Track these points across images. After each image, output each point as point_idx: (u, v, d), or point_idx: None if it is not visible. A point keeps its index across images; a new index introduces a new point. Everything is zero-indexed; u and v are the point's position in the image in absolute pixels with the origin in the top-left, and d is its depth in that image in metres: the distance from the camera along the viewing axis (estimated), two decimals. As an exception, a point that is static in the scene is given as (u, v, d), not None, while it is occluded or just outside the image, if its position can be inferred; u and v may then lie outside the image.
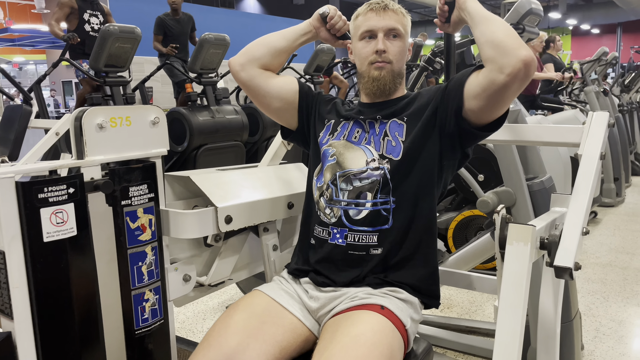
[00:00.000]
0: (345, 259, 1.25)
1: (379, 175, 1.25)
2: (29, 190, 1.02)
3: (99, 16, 4.93)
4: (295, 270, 1.34)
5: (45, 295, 1.07)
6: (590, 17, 20.58)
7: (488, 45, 1.14)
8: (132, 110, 1.21)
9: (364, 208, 1.25)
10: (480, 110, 1.19)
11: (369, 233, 1.24)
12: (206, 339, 1.14)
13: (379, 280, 1.23)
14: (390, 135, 1.28)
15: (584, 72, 4.98)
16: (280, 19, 12.19)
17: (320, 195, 1.32)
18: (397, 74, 1.32)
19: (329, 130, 1.37)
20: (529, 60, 1.09)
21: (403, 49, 1.31)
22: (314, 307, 1.25)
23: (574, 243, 1.02)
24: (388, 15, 1.28)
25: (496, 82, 1.12)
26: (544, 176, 2.02)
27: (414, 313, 1.22)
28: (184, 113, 3.89)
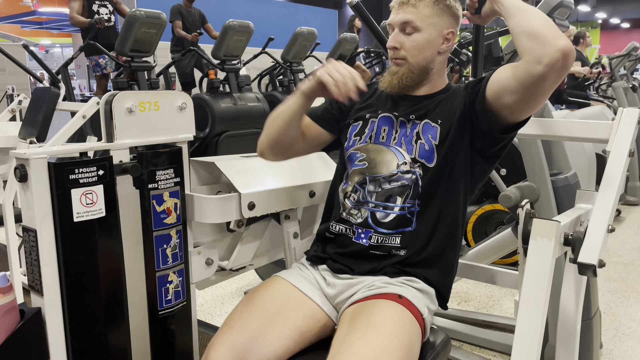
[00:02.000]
0: (366, 257, 1.26)
1: (410, 180, 1.24)
2: (60, 171, 1.05)
3: (108, 6, 4.94)
4: (314, 257, 1.35)
5: (73, 274, 1.10)
6: (620, 10, 20.05)
7: (524, 35, 1.11)
8: (160, 96, 1.23)
9: (392, 212, 1.24)
10: (516, 104, 1.16)
11: (392, 235, 1.24)
12: (228, 322, 1.16)
13: (396, 269, 1.23)
14: (424, 138, 1.25)
15: (612, 67, 4.87)
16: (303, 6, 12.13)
17: (345, 197, 1.31)
18: (417, 71, 1.27)
19: (355, 131, 1.35)
20: (567, 49, 1.06)
21: (421, 42, 1.25)
22: (332, 294, 1.26)
23: (599, 240, 1.01)
24: (404, 9, 1.25)
25: (533, 73, 1.09)
26: (569, 172, 1.99)
27: (430, 303, 1.22)
28: (206, 99, 3.92)
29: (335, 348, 1.04)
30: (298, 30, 4.79)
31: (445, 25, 1.27)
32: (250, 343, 1.10)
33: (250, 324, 1.13)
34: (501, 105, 1.18)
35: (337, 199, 1.35)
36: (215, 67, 4.20)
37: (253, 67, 5.73)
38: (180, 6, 5.76)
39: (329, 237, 1.33)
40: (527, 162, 1.90)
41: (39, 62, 3.16)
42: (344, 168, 1.36)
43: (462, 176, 1.26)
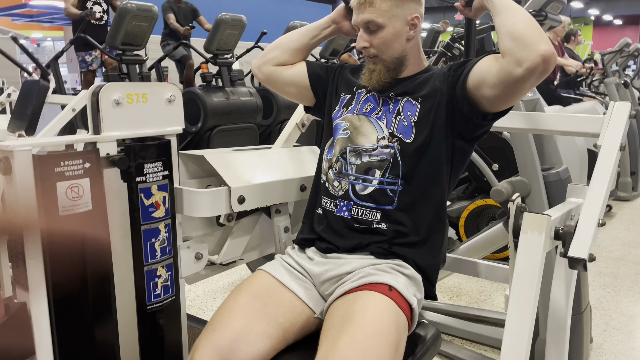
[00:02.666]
0: (350, 230, 1.26)
1: (389, 155, 1.25)
2: (45, 163, 1.03)
3: (102, 4, 4.93)
4: (302, 240, 1.35)
5: (59, 268, 1.08)
6: (612, 7, 20.12)
7: (507, 36, 1.11)
8: (148, 87, 1.22)
9: (370, 185, 1.25)
10: (494, 98, 1.17)
11: (372, 210, 1.24)
12: (211, 323, 1.15)
13: (383, 250, 1.23)
14: (403, 115, 1.27)
15: (605, 63, 4.88)
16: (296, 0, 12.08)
17: (329, 167, 1.33)
18: (393, 63, 1.29)
19: (343, 103, 1.38)
20: (548, 55, 1.06)
21: (387, 37, 1.26)
22: (317, 272, 1.25)
23: (589, 234, 1.01)
24: (363, 8, 1.25)
25: (513, 75, 1.10)
26: (560, 167, 2.00)
27: (417, 291, 1.22)
28: (198, 93, 3.89)
29: (323, 351, 1.03)
30: (291, 24, 4.77)
31: (408, 13, 1.26)
32: (233, 344, 1.10)
33: (233, 324, 1.12)
34: (480, 95, 1.19)
35: (323, 170, 1.36)
36: (208, 61, 4.17)
37: (246, 61, 5.70)
38: (170, 2, 5.73)
39: (316, 214, 1.34)
40: (519, 157, 1.90)
41: (28, 54, 3.13)
42: (328, 138, 1.38)
43: (444, 157, 1.26)
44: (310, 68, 1.48)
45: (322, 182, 1.35)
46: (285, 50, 1.49)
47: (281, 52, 1.49)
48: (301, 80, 1.47)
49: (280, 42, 1.50)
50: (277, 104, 4.39)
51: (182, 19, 5.73)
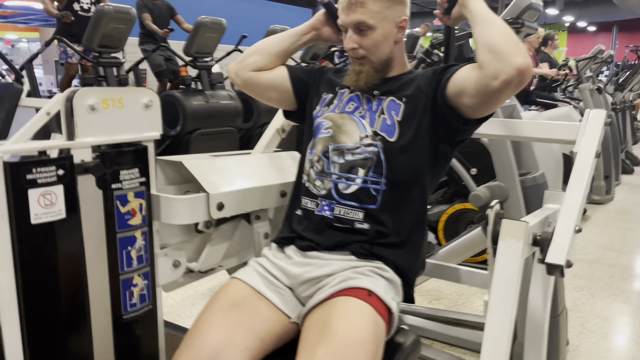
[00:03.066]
0: (330, 228, 1.25)
1: (372, 153, 1.24)
2: (17, 170, 1.00)
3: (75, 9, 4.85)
4: (281, 239, 1.33)
5: (31, 279, 1.05)
6: (587, 14, 20.57)
7: (484, 48, 1.12)
8: (124, 92, 1.19)
9: (353, 183, 1.25)
10: (473, 107, 1.18)
11: (355, 209, 1.24)
12: (189, 337, 1.13)
13: (364, 250, 1.22)
14: (387, 113, 1.27)
15: (579, 69, 4.98)
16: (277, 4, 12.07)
17: (310, 167, 1.32)
18: (381, 65, 1.29)
19: (325, 103, 1.38)
20: (524, 68, 1.07)
21: (377, 39, 1.26)
22: (296, 272, 1.23)
23: (566, 240, 1.02)
24: (354, 9, 1.25)
25: (490, 87, 1.11)
26: (537, 172, 2.02)
27: (396, 295, 1.22)
28: (177, 97, 3.85)
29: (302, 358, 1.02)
30: (271, 28, 4.76)
31: (397, 15, 1.27)
32: (212, 359, 1.08)
33: (212, 338, 1.10)
34: (459, 103, 1.20)
35: (304, 171, 1.35)
36: (187, 64, 4.14)
37: (226, 64, 5.66)
38: (145, 0, 5.58)
39: (296, 215, 1.33)
40: (497, 162, 1.92)
41: (2, 58, 3.06)
42: (310, 138, 1.37)
43: (426, 159, 1.26)
44: (292, 72, 1.47)
45: (302, 182, 1.34)
46: (264, 55, 1.46)
47: (260, 57, 1.46)
48: (282, 84, 1.45)
49: (259, 47, 1.48)
50: (257, 108, 4.38)
51: (158, 17, 5.59)
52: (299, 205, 1.33)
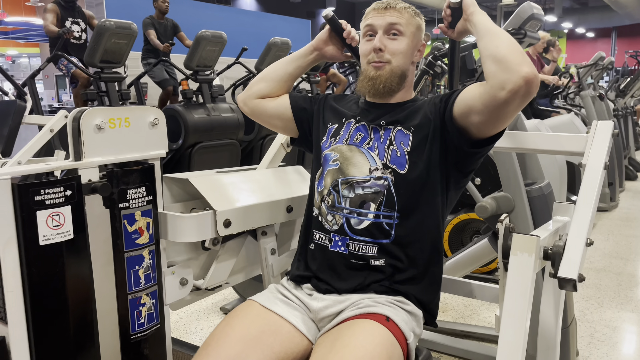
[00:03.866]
0: (347, 266, 1.24)
1: (383, 187, 1.23)
2: (25, 192, 1.00)
3: (81, 23, 4.91)
4: (297, 277, 1.32)
5: (40, 300, 1.04)
6: (585, 20, 20.67)
7: (490, 60, 1.12)
8: (131, 112, 1.19)
9: (365, 218, 1.23)
10: (482, 124, 1.17)
11: (369, 244, 1.22)
12: (204, 348, 1.12)
13: (384, 287, 1.21)
14: (395, 145, 1.26)
15: (580, 76, 4.99)
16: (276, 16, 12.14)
17: (321, 201, 1.30)
18: (398, 75, 1.28)
19: (331, 133, 1.36)
20: (530, 77, 1.06)
21: (404, 48, 1.27)
22: (317, 307, 1.22)
23: (578, 254, 1.01)
24: (389, 13, 1.27)
25: (497, 98, 1.10)
26: (543, 182, 2.02)
27: (416, 327, 1.20)
28: (179, 110, 3.86)
29: None
30: (272, 41, 4.78)
31: (419, 38, 1.33)
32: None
33: (228, 350, 1.09)
34: (468, 123, 1.19)
35: (315, 203, 1.33)
36: (188, 78, 4.15)
37: (226, 76, 5.69)
38: (152, 17, 5.71)
39: (309, 250, 1.31)
40: (502, 172, 1.91)
41: (5, 75, 3.07)
42: (318, 170, 1.36)
43: (438, 188, 1.25)
44: (293, 100, 1.46)
45: (314, 215, 1.32)
46: (268, 81, 1.47)
47: (265, 84, 1.47)
48: (284, 113, 1.46)
49: (264, 75, 1.49)
50: (259, 120, 4.38)
51: (163, 34, 5.71)
52: (311, 239, 1.32)
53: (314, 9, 19.40)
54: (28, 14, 13.39)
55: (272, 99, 1.47)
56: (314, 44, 1.46)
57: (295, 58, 1.48)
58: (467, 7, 1.21)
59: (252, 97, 1.47)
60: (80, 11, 4.99)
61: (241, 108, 1.50)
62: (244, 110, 1.50)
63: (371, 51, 1.28)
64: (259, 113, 1.48)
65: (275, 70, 1.48)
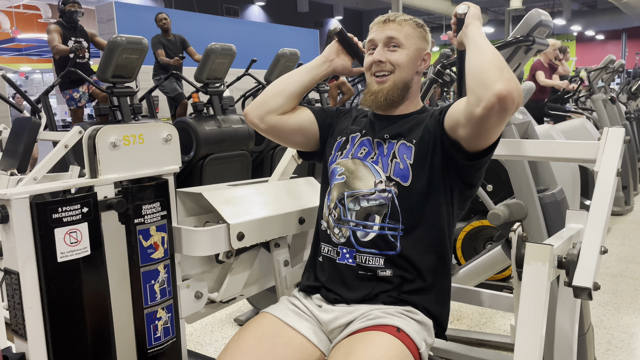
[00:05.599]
0: (355, 277, 1.25)
1: (387, 199, 1.24)
2: (43, 210, 1.02)
3: (83, 42, 4.96)
4: (307, 287, 1.33)
5: (58, 316, 1.06)
6: (594, 23, 20.55)
7: (471, 74, 1.12)
8: (145, 128, 1.21)
9: (371, 230, 1.24)
10: (468, 138, 1.17)
11: (376, 256, 1.23)
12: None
13: (392, 298, 1.22)
14: (399, 157, 1.27)
15: (591, 79, 4.96)
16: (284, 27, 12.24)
17: (328, 214, 1.32)
18: (400, 87, 1.29)
19: (338, 148, 1.37)
20: (503, 94, 1.04)
21: (403, 59, 1.28)
22: (327, 319, 1.24)
23: (593, 262, 1.01)
24: (388, 27, 1.29)
25: (474, 114, 1.10)
26: (555, 188, 2.01)
27: (428, 336, 1.21)
28: (190, 123, 3.89)
29: None
30: (281, 52, 4.81)
31: (423, 47, 1.33)
32: None
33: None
34: (456, 136, 1.20)
35: (323, 216, 1.35)
36: (199, 90, 4.19)
37: (236, 87, 5.73)
38: (159, 36, 5.82)
39: (318, 262, 1.33)
40: (514, 179, 1.91)
41: (20, 93, 3.13)
42: (326, 184, 1.37)
43: (442, 200, 1.26)
44: (319, 116, 1.43)
45: (323, 229, 1.34)
46: (286, 96, 1.41)
47: (283, 99, 1.40)
48: (310, 128, 1.42)
49: (280, 89, 1.42)
50: (269, 131, 4.40)
51: (173, 51, 5.81)
52: (320, 252, 1.33)
53: (321, 19, 19.52)
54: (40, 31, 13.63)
55: (290, 114, 1.42)
56: (325, 55, 1.45)
57: (309, 69, 1.45)
58: (467, 18, 1.23)
59: (271, 113, 1.40)
60: (82, 30, 5.04)
61: (254, 126, 1.42)
62: (259, 127, 1.41)
63: (372, 64, 1.30)
64: (279, 130, 1.41)
65: (292, 83, 1.42)
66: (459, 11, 1.25)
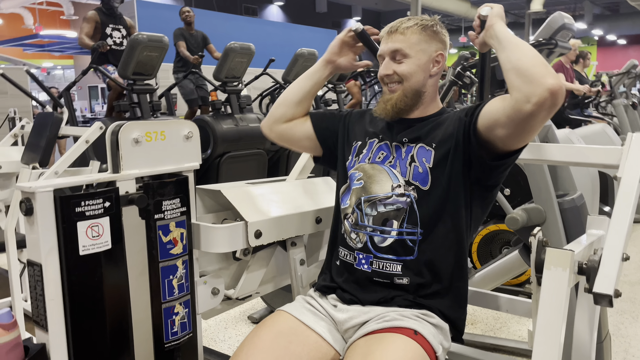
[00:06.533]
0: (371, 283, 1.25)
1: (405, 203, 1.23)
2: (67, 204, 1.03)
3: (122, 30, 5.00)
4: (323, 287, 1.33)
5: (79, 308, 1.08)
6: (616, 27, 20.23)
7: (513, 72, 1.10)
8: (166, 125, 1.23)
9: (389, 236, 1.24)
10: (507, 137, 1.16)
11: (393, 262, 1.23)
12: (235, 359, 1.13)
13: (408, 302, 1.21)
14: (417, 161, 1.26)
15: (612, 84, 4.89)
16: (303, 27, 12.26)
17: (344, 218, 1.32)
18: (410, 95, 1.29)
19: (355, 152, 1.37)
20: (555, 88, 1.05)
21: (412, 67, 1.27)
22: (342, 318, 1.24)
23: (614, 269, 0.99)
24: (393, 39, 1.28)
25: (522, 111, 1.09)
26: (575, 193, 1.98)
27: (444, 340, 1.20)
28: (208, 121, 3.92)
29: None
30: (299, 52, 4.83)
31: (434, 50, 1.29)
32: None
33: None
34: (493, 136, 1.18)
35: (339, 220, 1.34)
36: (217, 89, 4.22)
37: (254, 87, 5.76)
38: (182, 29, 5.85)
39: (335, 265, 1.33)
40: (533, 184, 1.88)
41: (43, 88, 3.19)
42: (343, 188, 1.36)
43: (462, 203, 1.25)
44: (315, 121, 1.47)
45: (340, 231, 1.34)
46: (289, 105, 1.46)
47: (286, 108, 1.46)
48: (311, 133, 1.46)
49: (284, 99, 1.48)
50: (286, 130, 4.42)
51: (194, 45, 5.84)
52: (337, 255, 1.33)
53: (339, 19, 19.52)
54: (62, 27, 13.85)
55: (297, 121, 1.47)
56: (326, 57, 1.46)
57: (310, 75, 1.48)
58: (490, 19, 1.21)
59: (278, 122, 1.47)
60: (122, 18, 5.06)
61: (267, 135, 1.49)
62: (270, 137, 1.49)
63: (383, 76, 1.30)
64: (287, 137, 1.48)
65: (293, 92, 1.47)
66: (482, 13, 1.23)
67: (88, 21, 4.83)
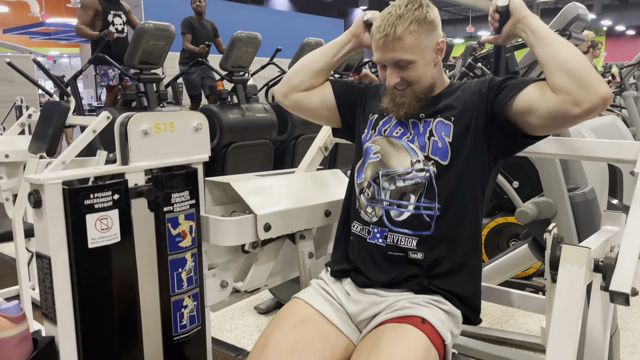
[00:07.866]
0: (384, 258, 1.23)
1: (424, 178, 1.22)
2: (75, 196, 1.02)
3: (122, 16, 4.86)
4: (337, 272, 1.32)
5: (87, 301, 1.07)
6: (625, 17, 19.99)
7: (563, 73, 1.07)
8: (175, 117, 1.21)
9: (406, 210, 1.22)
10: (539, 127, 1.15)
11: (408, 236, 1.21)
12: (259, 353, 1.12)
13: (421, 287, 1.20)
14: (437, 135, 1.23)
15: (622, 76, 4.83)
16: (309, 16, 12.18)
17: (360, 192, 1.30)
18: (424, 93, 1.26)
19: (371, 125, 1.34)
20: (608, 97, 1.04)
21: (419, 70, 1.22)
22: (354, 311, 1.23)
23: (631, 267, 0.98)
24: (391, 47, 1.19)
25: (569, 113, 1.07)
26: (586, 187, 1.96)
27: (454, 327, 1.19)
28: (214, 110, 3.90)
29: None
30: (306, 41, 4.79)
31: (433, 40, 1.22)
32: None
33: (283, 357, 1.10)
34: (522, 121, 1.16)
35: (354, 194, 1.33)
36: (224, 78, 4.20)
37: (260, 76, 5.73)
38: (191, 18, 5.74)
39: (350, 241, 1.31)
40: (544, 177, 1.86)
41: (50, 77, 3.17)
42: (359, 161, 1.34)
43: (479, 178, 1.23)
44: (337, 89, 1.43)
45: (354, 206, 1.32)
46: (309, 73, 1.43)
47: (305, 76, 1.43)
48: (331, 103, 1.42)
49: (303, 66, 1.44)
50: (292, 120, 4.40)
51: (204, 36, 5.73)
52: (350, 229, 1.32)
53: (345, 8, 19.37)
54: (69, 15, 13.82)
55: (314, 90, 1.44)
56: (352, 30, 1.42)
57: (334, 46, 1.44)
58: (518, 10, 1.16)
59: (295, 90, 1.43)
60: (120, 2, 4.88)
61: (280, 102, 1.46)
62: (284, 104, 1.45)
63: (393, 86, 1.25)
64: (303, 106, 1.44)
65: (315, 61, 1.43)
66: (499, 4, 1.19)
67: (86, 8, 4.61)
